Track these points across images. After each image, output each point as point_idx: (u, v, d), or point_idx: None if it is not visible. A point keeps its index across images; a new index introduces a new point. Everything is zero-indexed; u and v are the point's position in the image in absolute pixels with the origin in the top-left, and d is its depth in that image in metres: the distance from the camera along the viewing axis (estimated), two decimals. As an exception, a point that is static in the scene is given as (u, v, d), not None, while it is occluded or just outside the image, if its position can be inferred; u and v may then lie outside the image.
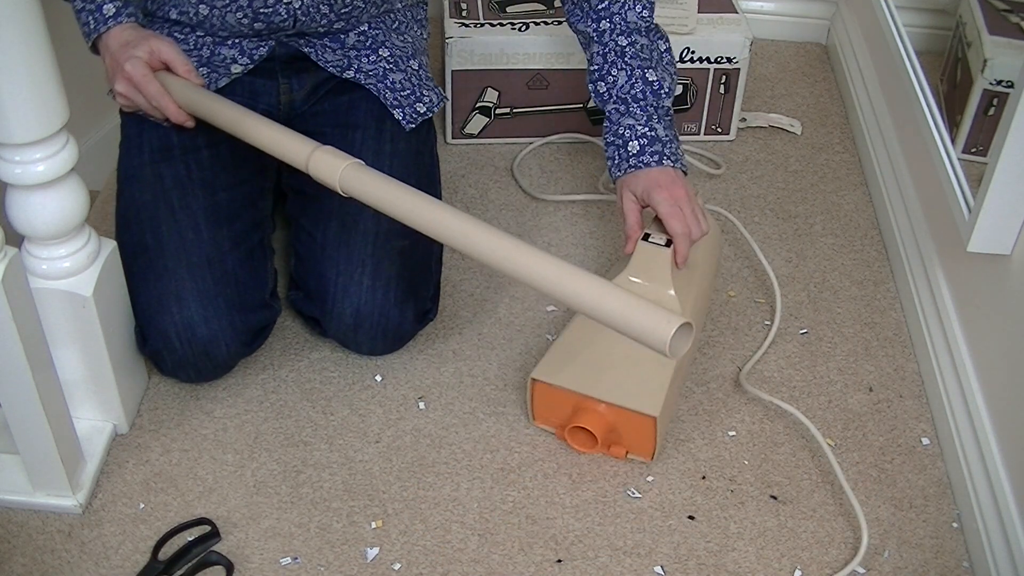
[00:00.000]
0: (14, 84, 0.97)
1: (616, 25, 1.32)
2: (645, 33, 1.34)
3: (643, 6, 1.33)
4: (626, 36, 1.33)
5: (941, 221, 1.38)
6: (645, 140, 1.30)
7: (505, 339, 1.40)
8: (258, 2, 1.27)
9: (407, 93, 1.38)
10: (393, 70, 1.38)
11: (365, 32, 1.37)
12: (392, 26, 1.40)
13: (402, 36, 1.41)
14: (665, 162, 1.28)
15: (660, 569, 1.14)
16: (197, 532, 1.15)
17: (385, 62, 1.38)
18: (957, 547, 1.17)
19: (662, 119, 1.32)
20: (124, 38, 1.24)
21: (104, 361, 1.18)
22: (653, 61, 1.33)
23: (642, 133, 1.31)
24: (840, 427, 1.30)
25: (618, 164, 1.31)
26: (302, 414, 1.29)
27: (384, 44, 1.39)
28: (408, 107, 1.38)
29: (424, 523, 1.18)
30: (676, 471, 1.24)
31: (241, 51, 1.33)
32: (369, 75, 1.37)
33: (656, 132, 1.31)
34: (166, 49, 1.23)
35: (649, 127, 1.31)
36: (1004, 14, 1.48)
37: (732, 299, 1.46)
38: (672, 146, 1.31)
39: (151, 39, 1.23)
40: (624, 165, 1.30)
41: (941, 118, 1.39)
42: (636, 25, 1.32)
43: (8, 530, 1.16)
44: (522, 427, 1.29)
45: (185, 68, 1.24)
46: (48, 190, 1.06)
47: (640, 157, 1.29)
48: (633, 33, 1.33)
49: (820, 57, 1.99)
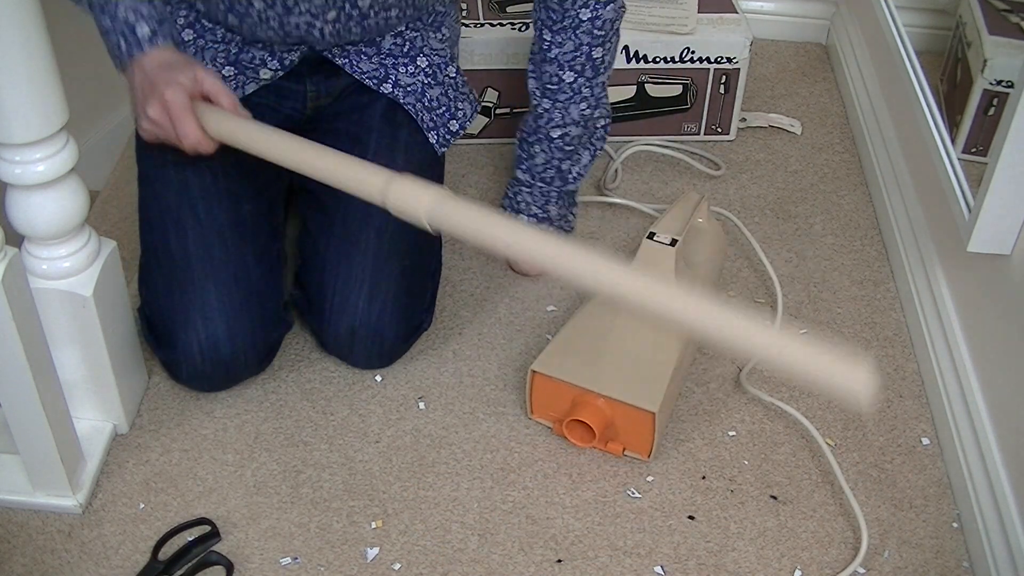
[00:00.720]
0: (14, 84, 0.97)
1: (553, 119, 1.38)
2: (583, 124, 1.39)
3: (587, 104, 1.36)
4: (560, 128, 1.38)
5: (941, 221, 1.38)
6: (535, 219, 1.46)
7: (505, 339, 1.40)
8: (289, 25, 1.22)
9: (442, 111, 1.37)
10: (431, 84, 1.35)
11: (403, 35, 1.32)
12: (429, 21, 1.34)
13: (439, 32, 1.36)
14: None
15: (660, 569, 1.14)
16: (197, 532, 1.15)
17: (423, 74, 1.34)
18: (957, 547, 1.17)
19: (560, 199, 1.46)
20: (163, 59, 1.13)
21: (104, 361, 1.18)
22: (578, 147, 1.41)
23: (534, 213, 1.46)
24: (840, 427, 1.30)
25: None
26: (302, 414, 1.29)
27: (422, 51, 1.34)
28: (442, 127, 1.37)
29: (424, 523, 1.18)
30: (676, 471, 1.24)
31: (271, 53, 1.27)
32: (408, 91, 1.33)
33: (548, 213, 1.46)
34: (210, 80, 1.12)
35: (543, 210, 1.46)
36: (1004, 14, 1.49)
37: (732, 299, 1.46)
38: (561, 221, 1.48)
39: (195, 67, 1.12)
40: None
41: (941, 118, 1.39)
42: (574, 120, 1.37)
43: (8, 530, 1.16)
44: (522, 427, 1.29)
45: (230, 102, 1.13)
46: (48, 190, 1.06)
47: None
48: (569, 125, 1.38)
49: (820, 57, 1.99)
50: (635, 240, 1.55)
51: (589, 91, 1.36)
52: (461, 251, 1.53)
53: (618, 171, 1.68)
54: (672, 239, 1.29)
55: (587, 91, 1.35)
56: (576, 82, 1.34)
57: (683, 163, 1.71)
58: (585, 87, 1.35)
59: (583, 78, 1.34)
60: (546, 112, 1.38)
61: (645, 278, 0.91)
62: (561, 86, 1.34)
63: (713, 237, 1.40)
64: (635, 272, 0.92)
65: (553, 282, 1.49)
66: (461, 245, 1.53)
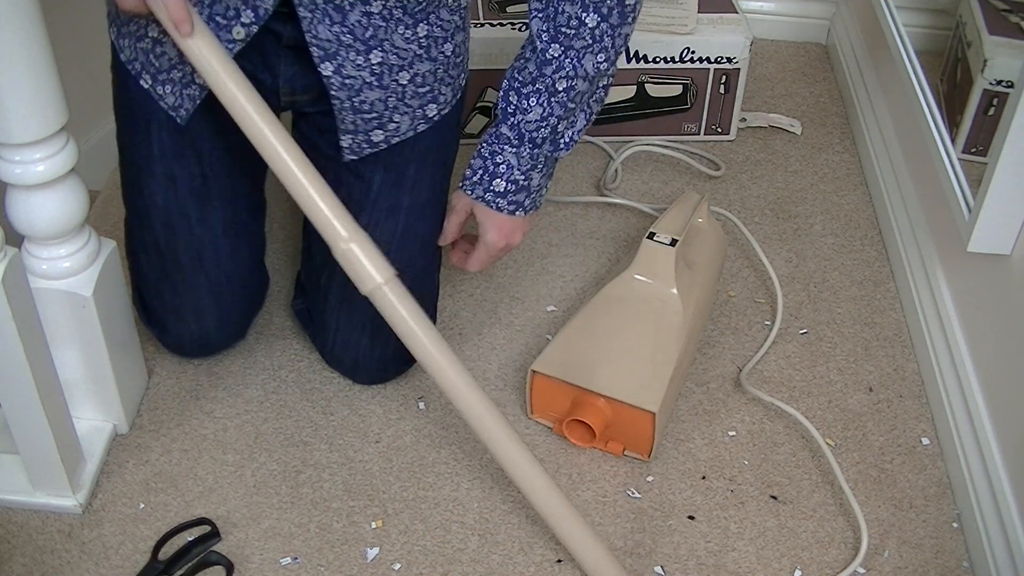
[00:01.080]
0: (14, 84, 0.97)
1: (563, 67, 1.16)
2: (591, 79, 1.18)
3: (605, 56, 1.16)
4: (568, 80, 1.17)
5: (941, 221, 1.38)
6: (514, 186, 1.22)
7: (505, 339, 1.40)
8: None
9: (372, 117, 1.19)
10: (373, 86, 1.16)
11: (370, 14, 1.12)
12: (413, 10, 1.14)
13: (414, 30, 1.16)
14: (518, 212, 1.23)
15: (660, 569, 1.14)
16: (197, 532, 1.15)
17: (369, 72, 1.15)
18: (957, 547, 1.17)
19: (545, 167, 1.24)
20: None
21: (104, 361, 1.18)
22: (578, 107, 1.21)
23: (515, 179, 1.22)
24: (840, 427, 1.30)
25: (474, 186, 1.23)
26: (302, 414, 1.29)
27: (383, 44, 1.15)
28: (360, 134, 1.20)
29: (424, 523, 1.18)
30: (676, 471, 1.24)
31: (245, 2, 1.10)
32: (344, 83, 1.15)
33: (530, 182, 1.23)
34: None
35: (525, 176, 1.23)
36: (1004, 14, 1.48)
37: (732, 299, 1.46)
38: (537, 194, 1.25)
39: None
40: (481, 192, 1.23)
41: (941, 118, 1.39)
42: (585, 73, 1.17)
43: (8, 530, 1.16)
44: (522, 427, 1.29)
45: None
46: (48, 190, 1.06)
47: (499, 200, 1.22)
48: (578, 78, 1.17)
49: (820, 57, 1.99)
50: (635, 240, 1.55)
51: (611, 41, 1.15)
52: (461, 251, 1.53)
53: (618, 171, 1.68)
54: (672, 239, 1.29)
55: (608, 41, 1.14)
56: (599, 28, 1.13)
57: (683, 163, 1.71)
58: (607, 36, 1.14)
59: (607, 24, 1.13)
60: (555, 60, 1.15)
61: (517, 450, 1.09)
62: (580, 31, 1.13)
63: (713, 237, 1.40)
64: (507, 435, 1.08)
65: (553, 282, 1.49)
66: (461, 245, 1.53)
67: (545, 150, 1.22)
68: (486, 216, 1.24)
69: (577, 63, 1.15)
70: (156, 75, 1.16)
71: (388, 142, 1.22)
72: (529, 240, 1.55)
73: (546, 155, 1.23)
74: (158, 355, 1.35)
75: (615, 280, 1.29)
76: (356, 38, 1.13)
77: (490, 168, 1.22)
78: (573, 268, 1.51)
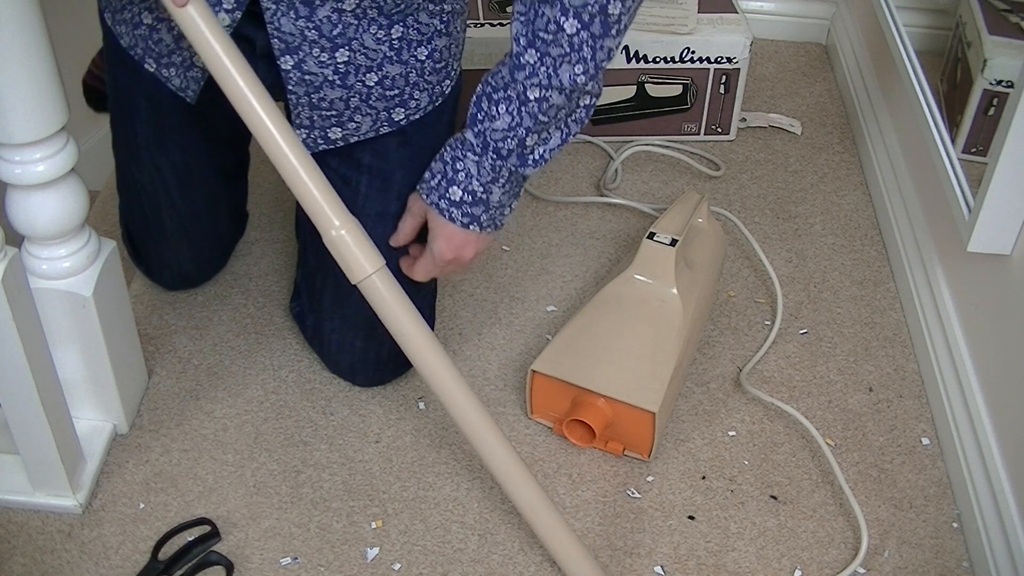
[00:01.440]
0: (14, 84, 0.97)
1: (536, 75, 1.06)
2: (568, 93, 1.08)
3: (584, 68, 1.05)
4: (542, 90, 1.07)
5: (941, 221, 1.38)
6: (471, 197, 1.14)
7: (505, 339, 1.40)
8: None
9: (331, 115, 1.15)
10: (335, 85, 1.12)
11: (342, 11, 1.07)
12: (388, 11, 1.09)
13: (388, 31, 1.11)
14: (472, 227, 1.15)
15: (660, 569, 1.14)
16: (197, 532, 1.15)
17: (333, 70, 1.11)
18: (957, 547, 1.17)
19: (509, 183, 1.15)
20: None
21: (104, 361, 1.18)
22: (552, 123, 1.11)
23: (472, 189, 1.14)
24: (840, 427, 1.30)
25: (431, 191, 1.16)
26: (302, 414, 1.29)
27: (352, 43, 1.10)
28: (316, 130, 1.17)
29: (424, 523, 1.18)
30: (676, 471, 1.24)
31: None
32: (303, 79, 1.11)
33: (489, 195, 1.14)
34: None
35: (484, 188, 1.14)
36: (1004, 14, 1.48)
37: (732, 299, 1.47)
38: (498, 212, 1.16)
39: None
40: (436, 199, 1.16)
41: (941, 118, 1.39)
42: (560, 84, 1.06)
43: (8, 530, 1.16)
44: (522, 427, 1.29)
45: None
46: (48, 190, 1.06)
47: (452, 210, 1.15)
48: (553, 89, 1.07)
49: (820, 57, 1.99)
50: (635, 240, 1.55)
51: (591, 52, 1.04)
52: (461, 251, 1.53)
53: (618, 171, 1.68)
54: (672, 239, 1.29)
55: (588, 52, 1.04)
56: (578, 36, 1.02)
57: (683, 163, 1.71)
58: (587, 46, 1.03)
59: (588, 32, 1.02)
60: (530, 66, 1.06)
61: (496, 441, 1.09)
62: (558, 37, 1.03)
63: (713, 237, 1.40)
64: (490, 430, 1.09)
65: (553, 282, 1.49)
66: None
67: (510, 164, 1.13)
68: (437, 224, 1.17)
69: (552, 72, 1.05)
70: (159, 59, 1.17)
71: (346, 140, 1.18)
72: (529, 240, 1.55)
73: (511, 169, 1.14)
74: (158, 355, 1.35)
75: (615, 280, 1.29)
76: (322, 34, 1.08)
77: (449, 174, 1.14)
78: (573, 268, 1.51)
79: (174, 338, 1.38)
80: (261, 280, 1.46)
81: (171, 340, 1.37)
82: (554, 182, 1.66)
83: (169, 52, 1.15)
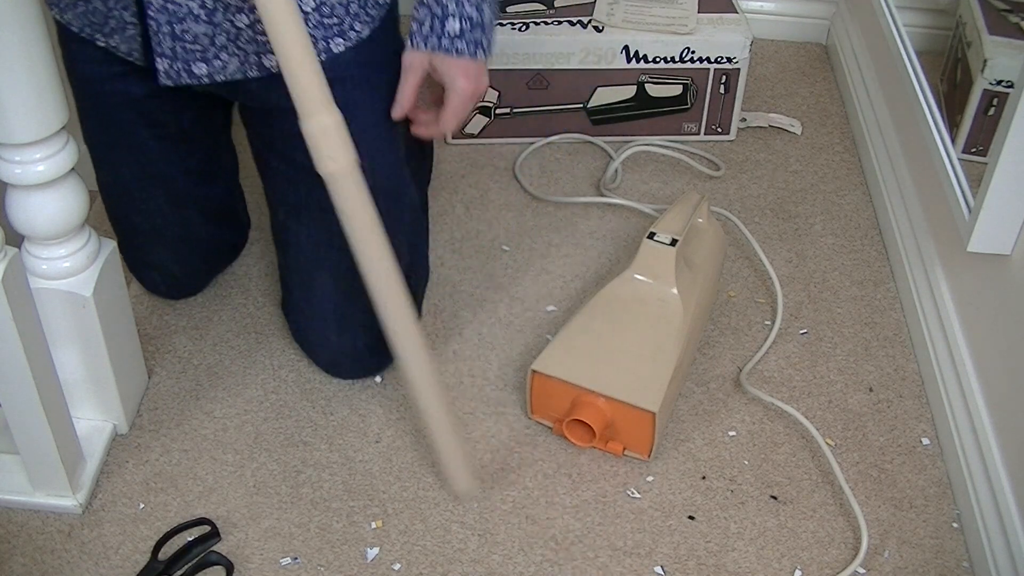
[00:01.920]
0: (14, 84, 0.97)
1: None
2: None
3: None
4: None
5: (941, 221, 1.38)
6: (469, 24, 1.12)
7: (505, 339, 1.40)
8: None
9: (196, 49, 1.11)
10: (200, 20, 1.08)
11: None
12: None
13: None
14: (479, 54, 1.13)
15: (660, 569, 1.14)
16: (197, 532, 1.15)
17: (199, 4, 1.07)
18: (957, 547, 1.17)
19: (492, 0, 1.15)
20: None
21: (104, 361, 1.18)
22: None
23: (468, 15, 1.12)
24: (840, 427, 1.30)
25: (427, 37, 1.13)
26: (302, 414, 1.29)
27: None
28: (179, 62, 1.12)
29: (424, 523, 1.18)
30: (676, 471, 1.24)
31: None
32: (164, 7, 1.07)
33: (482, 15, 1.12)
34: None
35: (477, 9, 1.12)
36: (1004, 14, 1.48)
37: (732, 299, 1.47)
38: (491, 30, 1.15)
39: None
40: (435, 42, 1.12)
41: (941, 118, 1.39)
42: None
43: (8, 530, 1.16)
44: (522, 427, 1.29)
45: None
46: (48, 190, 1.06)
47: (457, 43, 1.12)
48: None
49: (820, 57, 1.99)
50: (635, 240, 1.55)
51: None
52: (460, 250, 1.53)
53: (618, 171, 1.68)
54: (672, 239, 1.29)
55: None
56: None
57: (683, 163, 1.71)
58: None
59: None
60: None
61: None
62: None
63: (713, 237, 1.40)
64: None
65: (553, 282, 1.49)
66: (461, 244, 1.53)
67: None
68: (448, 65, 1.13)
69: None
70: (101, 29, 1.15)
71: (212, 78, 1.14)
72: (529, 240, 1.55)
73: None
74: (158, 355, 1.35)
75: (615, 280, 1.29)
76: None
77: (438, 12, 1.11)
78: (573, 268, 1.51)
79: (174, 338, 1.38)
80: (261, 280, 1.46)
81: (171, 340, 1.37)
82: (554, 182, 1.66)
83: (105, 19, 1.13)
